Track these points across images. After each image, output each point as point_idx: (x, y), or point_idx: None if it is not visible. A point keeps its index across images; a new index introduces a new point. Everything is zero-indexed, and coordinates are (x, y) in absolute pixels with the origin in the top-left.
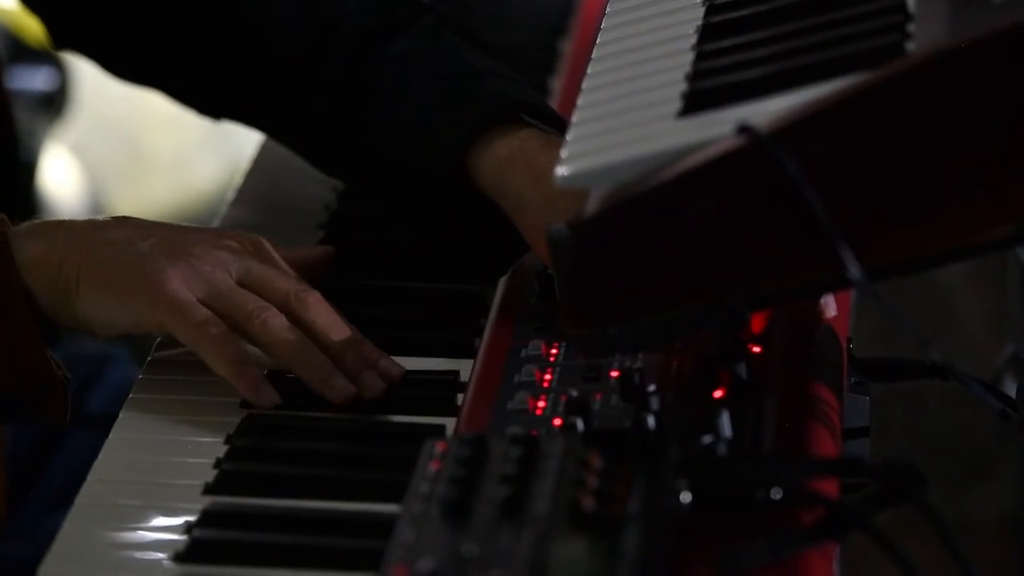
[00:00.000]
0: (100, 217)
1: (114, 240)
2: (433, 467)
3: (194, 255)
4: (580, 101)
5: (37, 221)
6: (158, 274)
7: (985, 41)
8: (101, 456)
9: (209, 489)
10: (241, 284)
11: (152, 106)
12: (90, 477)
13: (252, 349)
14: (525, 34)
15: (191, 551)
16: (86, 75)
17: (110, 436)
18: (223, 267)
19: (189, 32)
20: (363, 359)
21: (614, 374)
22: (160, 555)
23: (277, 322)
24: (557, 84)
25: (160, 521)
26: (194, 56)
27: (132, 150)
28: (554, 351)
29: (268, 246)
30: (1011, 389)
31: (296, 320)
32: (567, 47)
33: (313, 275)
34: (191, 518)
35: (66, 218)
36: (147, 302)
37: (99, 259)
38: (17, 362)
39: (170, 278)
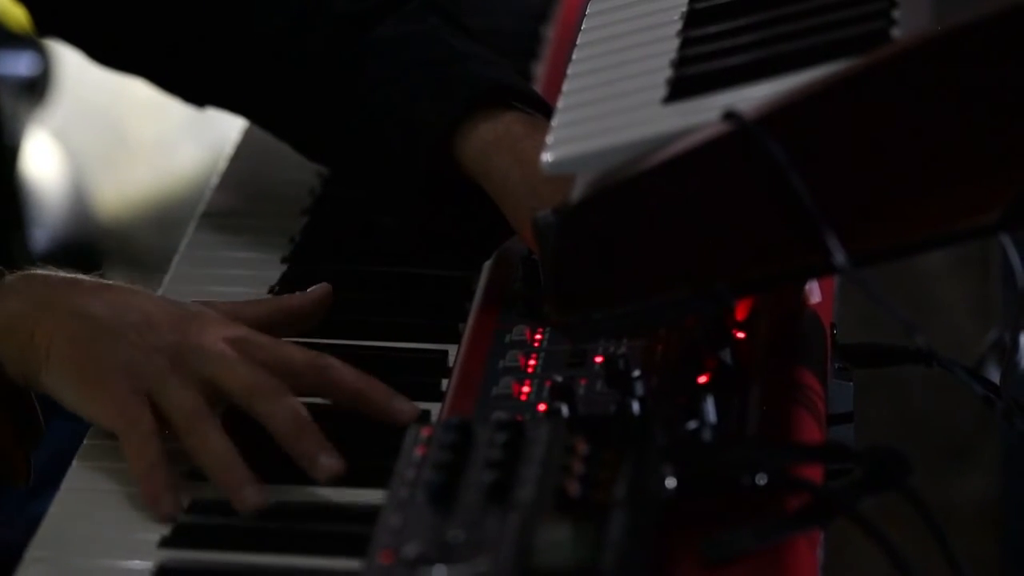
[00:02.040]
0: (86, 279)
1: (89, 314)
2: (418, 452)
3: (159, 348)
4: (565, 87)
5: (21, 274)
6: (113, 380)
7: (970, 28)
8: (87, 441)
9: (195, 475)
10: (201, 379)
11: (135, 91)
12: (76, 462)
13: None
14: (508, 20)
15: (176, 536)
16: (69, 61)
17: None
18: (184, 368)
19: (172, 19)
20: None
21: (598, 360)
22: (146, 539)
23: (205, 442)
24: (540, 70)
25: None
26: (177, 43)
27: (115, 135)
28: (539, 336)
29: (252, 337)
30: (994, 375)
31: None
32: (550, 33)
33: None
34: None
35: (46, 208)
36: (100, 409)
37: (69, 336)
38: None
39: (123, 385)
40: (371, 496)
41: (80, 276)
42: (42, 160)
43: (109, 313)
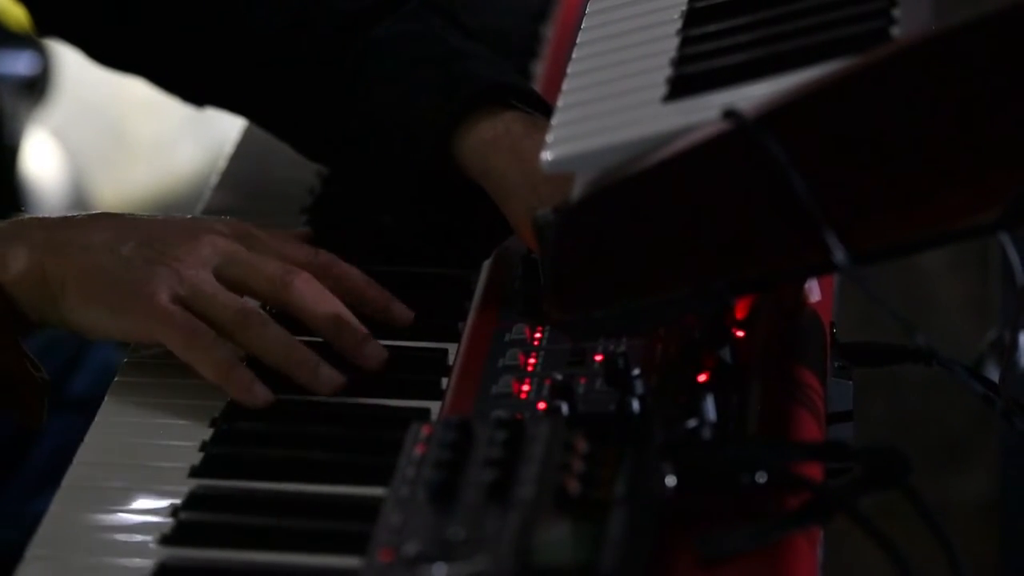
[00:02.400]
0: (75, 215)
1: (95, 245)
2: (418, 450)
3: (177, 258)
4: (565, 86)
5: (13, 220)
6: (143, 286)
7: (970, 27)
8: (87, 438)
9: (195, 472)
10: (226, 279)
11: (134, 91)
12: (76, 459)
13: None
14: (507, 19)
15: (177, 533)
16: (68, 60)
17: (96, 419)
18: (207, 266)
19: (171, 18)
20: (361, 331)
21: (598, 358)
22: (146, 537)
23: (257, 324)
24: (539, 69)
25: (146, 504)
26: (176, 43)
27: (114, 134)
28: (538, 335)
29: (254, 230)
30: (992, 374)
31: (283, 306)
32: (549, 32)
33: None
34: (177, 501)
35: (46, 208)
36: (135, 317)
37: (82, 268)
38: None
39: (155, 290)
40: (371, 494)
41: (69, 214)
42: (41, 159)
43: (113, 237)
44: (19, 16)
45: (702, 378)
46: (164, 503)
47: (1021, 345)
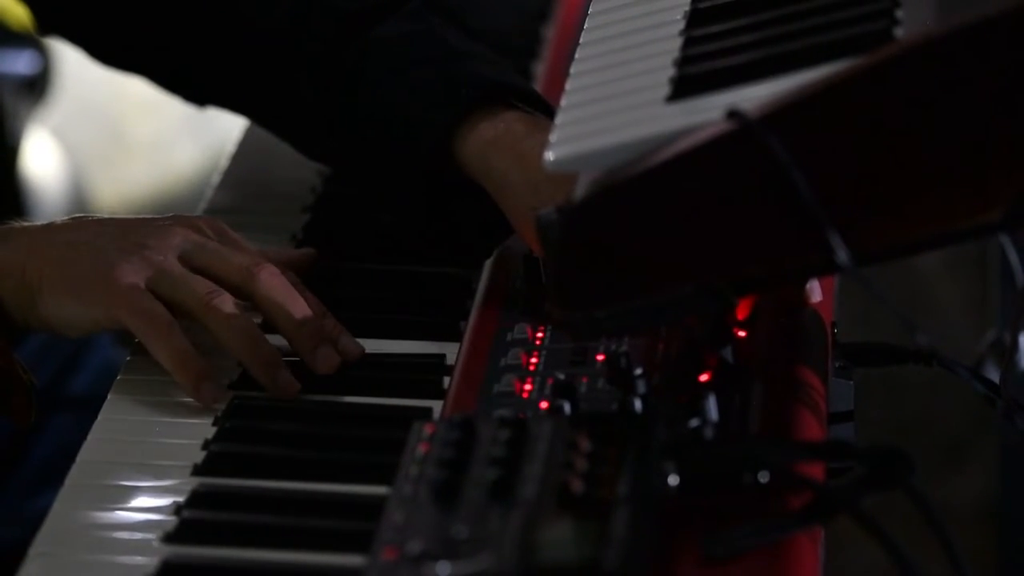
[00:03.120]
0: (59, 220)
1: (73, 241)
2: (422, 449)
3: (147, 245)
4: (568, 85)
5: (2, 226)
6: (110, 269)
7: (973, 27)
8: (90, 436)
9: (198, 470)
10: (194, 267)
11: (134, 90)
12: (79, 457)
13: None
14: (508, 19)
15: (180, 532)
16: (68, 59)
17: (99, 417)
18: (175, 252)
19: (173, 17)
20: (320, 335)
21: (600, 357)
22: (149, 535)
23: (225, 308)
24: (540, 69)
25: (149, 502)
26: (178, 42)
27: (114, 134)
28: (540, 334)
29: (227, 228)
30: (992, 375)
31: (249, 297)
32: (550, 33)
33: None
34: (180, 499)
35: (45, 206)
36: (101, 299)
37: (58, 261)
38: None
39: (121, 271)
40: (374, 492)
41: (54, 221)
42: (41, 158)
43: (89, 234)
44: (20, 15)
45: (704, 378)
46: (167, 501)
47: (1021, 346)
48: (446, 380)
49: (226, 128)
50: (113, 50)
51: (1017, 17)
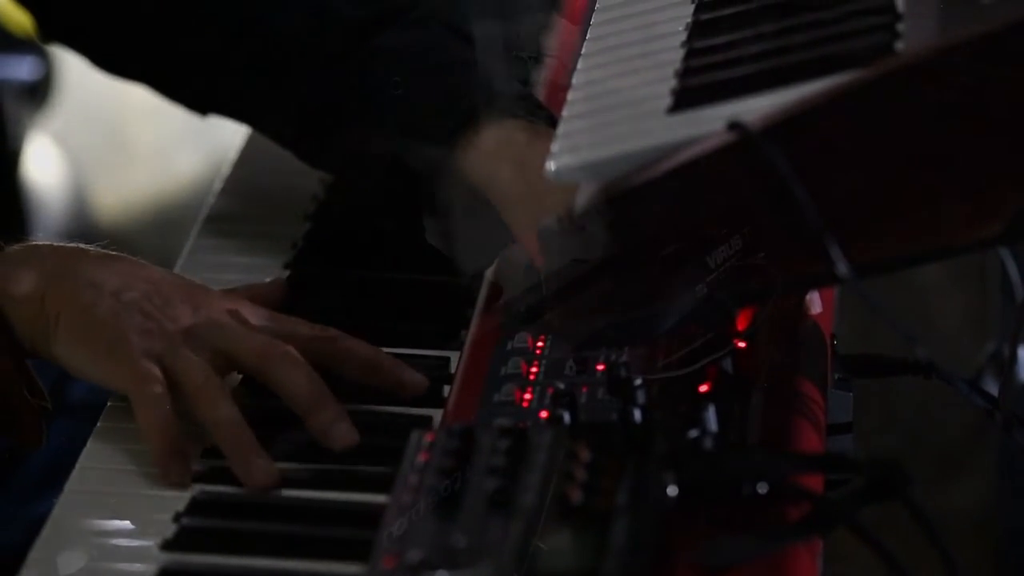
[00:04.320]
0: (91, 249)
1: (98, 283)
2: (421, 458)
3: (170, 317)
4: (570, 96)
5: (28, 244)
6: (126, 339)
7: (974, 41)
8: (90, 443)
9: (197, 477)
10: (212, 346)
11: (136, 96)
12: (79, 464)
13: None
14: (510, 28)
15: (179, 539)
16: (70, 65)
17: (99, 424)
18: (194, 329)
19: (175, 27)
20: (335, 414)
21: (600, 367)
22: (148, 542)
23: (210, 398)
24: (542, 78)
25: (148, 509)
26: (180, 50)
27: (115, 140)
28: (540, 344)
29: (261, 309)
30: (991, 387)
31: (263, 379)
32: (551, 41)
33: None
34: (179, 506)
35: (46, 212)
36: (111, 368)
37: (80, 305)
38: None
39: (133, 345)
40: (374, 501)
41: (86, 246)
42: (43, 164)
43: (119, 282)
44: (22, 21)
45: (704, 388)
46: (166, 508)
47: (1020, 358)
48: (446, 389)
49: (228, 135)
50: (115, 58)
51: (1017, 30)
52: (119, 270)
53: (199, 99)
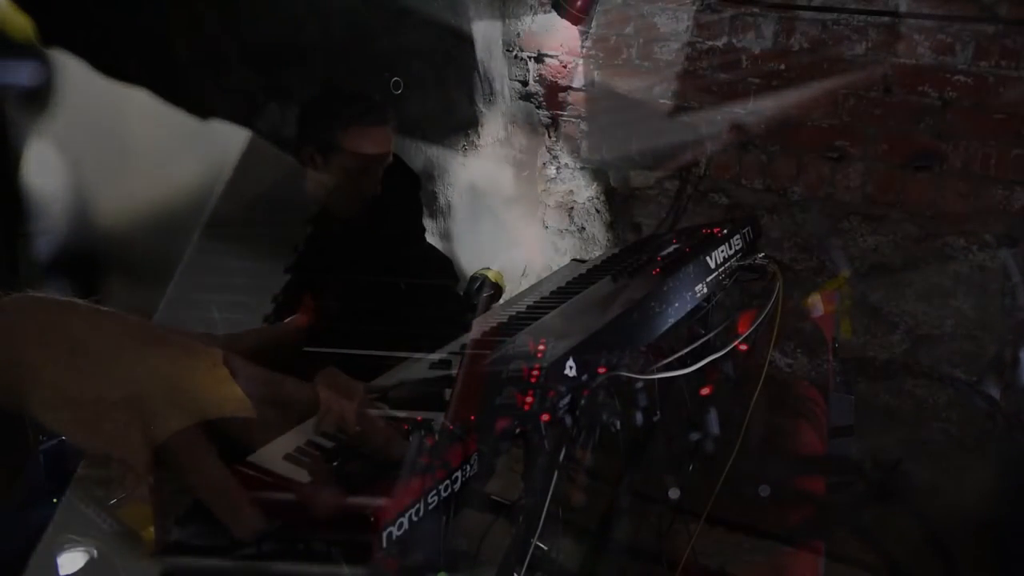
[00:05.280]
0: (82, 306)
1: (89, 348)
2: (422, 461)
3: (157, 383)
4: None
5: (13, 296)
6: (111, 414)
7: None
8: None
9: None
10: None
11: (136, 101)
12: (79, 471)
13: None
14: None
15: (179, 543)
16: (71, 70)
17: None
18: (187, 406)
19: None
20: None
21: (601, 370)
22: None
23: (203, 472)
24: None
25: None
26: (181, 55)
27: (116, 145)
28: (541, 347)
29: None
30: (992, 390)
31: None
32: (552, 40)
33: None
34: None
35: (47, 216)
36: (94, 441)
37: (67, 367)
38: None
39: (119, 424)
40: (374, 503)
41: (77, 301)
42: (43, 169)
43: (106, 347)
44: (22, 26)
45: (706, 391)
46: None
47: (1021, 362)
48: (447, 392)
49: (228, 140)
50: (117, 63)
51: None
52: (108, 331)
53: (198, 103)
